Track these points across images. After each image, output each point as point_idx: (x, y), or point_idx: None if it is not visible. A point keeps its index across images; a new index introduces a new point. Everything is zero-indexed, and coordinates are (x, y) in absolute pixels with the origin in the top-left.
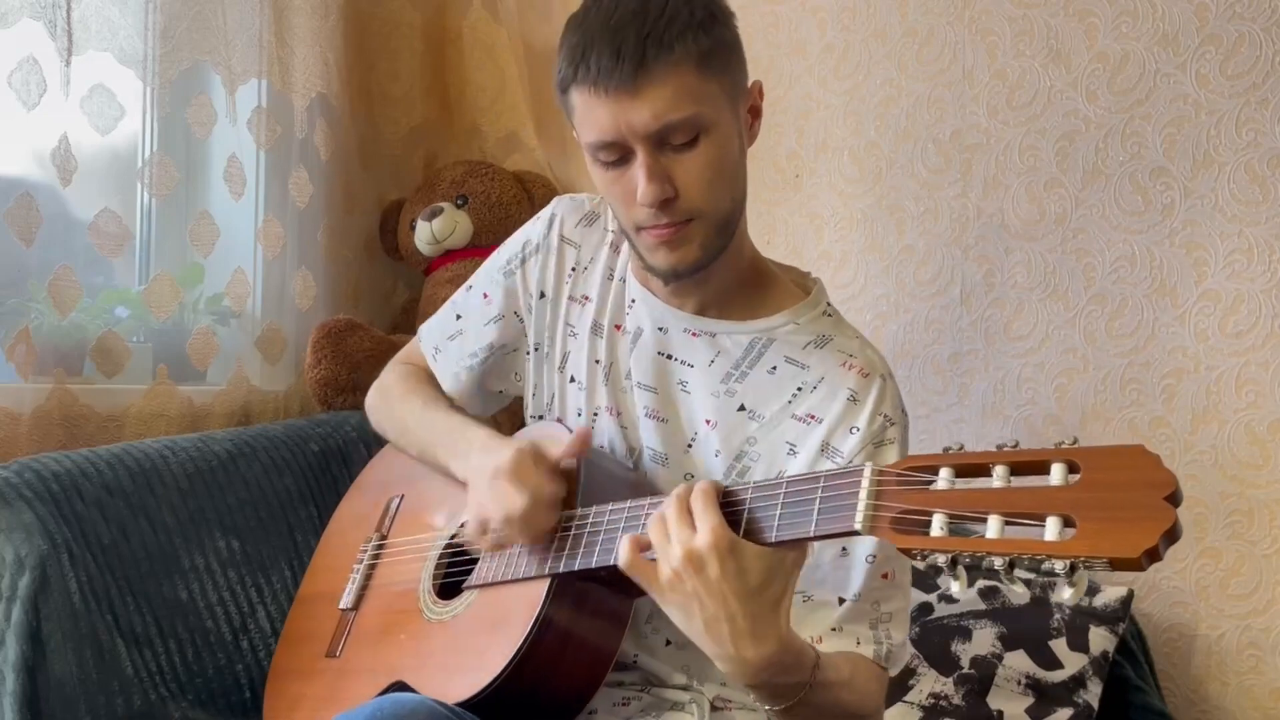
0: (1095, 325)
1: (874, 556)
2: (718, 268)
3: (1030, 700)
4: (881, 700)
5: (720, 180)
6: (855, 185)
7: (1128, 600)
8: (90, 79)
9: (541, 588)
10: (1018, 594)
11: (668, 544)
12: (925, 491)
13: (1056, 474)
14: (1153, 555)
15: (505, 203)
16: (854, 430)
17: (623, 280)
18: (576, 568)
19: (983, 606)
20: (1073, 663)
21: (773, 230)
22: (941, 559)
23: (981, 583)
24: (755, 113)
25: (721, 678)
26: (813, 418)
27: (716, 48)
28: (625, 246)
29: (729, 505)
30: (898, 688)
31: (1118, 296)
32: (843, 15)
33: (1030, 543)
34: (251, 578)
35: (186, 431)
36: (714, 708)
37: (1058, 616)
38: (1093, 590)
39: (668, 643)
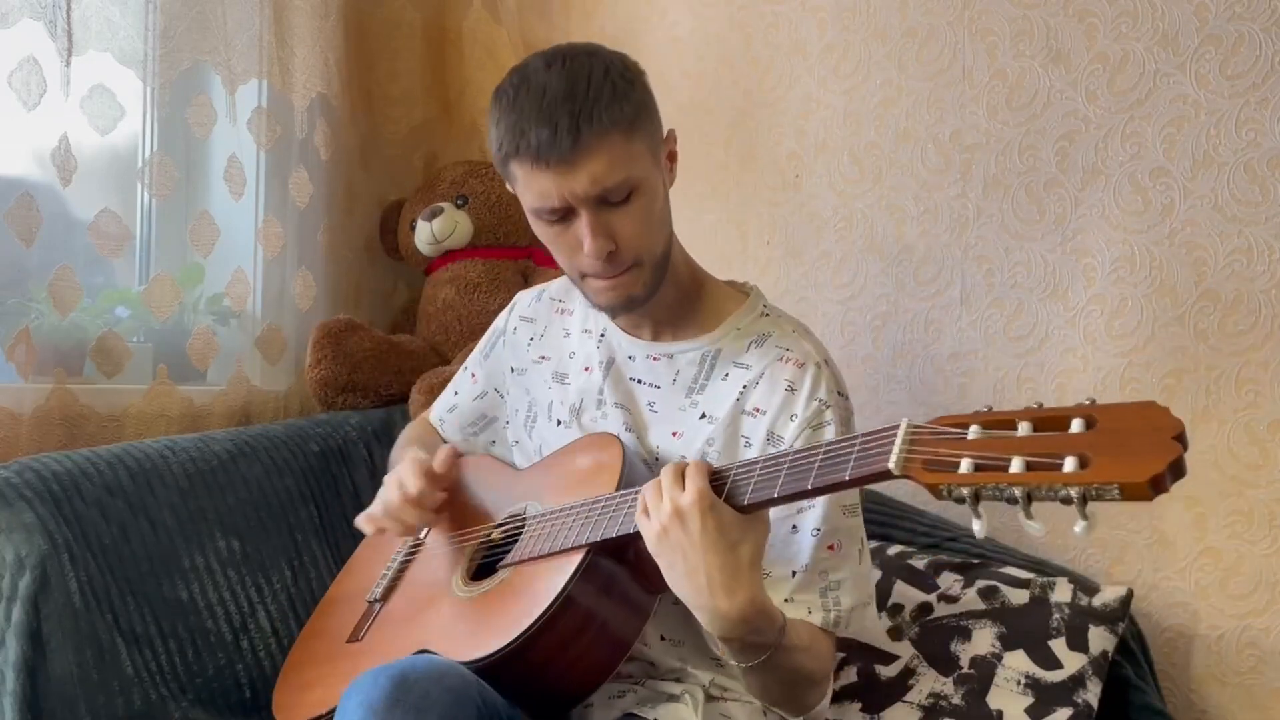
0: (1095, 325)
1: (818, 530)
2: (660, 295)
3: (1030, 700)
4: (832, 664)
5: (653, 228)
6: (855, 185)
7: (1127, 600)
8: (90, 79)
9: (571, 563)
10: (1034, 530)
11: (660, 501)
12: (955, 440)
13: (1076, 426)
14: (1158, 484)
15: (505, 202)
16: (793, 417)
17: (586, 331)
18: (600, 536)
19: (982, 606)
20: (1072, 662)
21: (773, 230)
22: (965, 491)
23: (981, 583)
24: (672, 158)
25: (714, 668)
26: (758, 410)
27: (638, 112)
28: (576, 306)
29: (720, 475)
30: (898, 688)
31: (1117, 296)
32: (843, 15)
33: (1045, 474)
34: (251, 578)
35: (186, 431)
36: (709, 697)
37: (1057, 616)
38: (1092, 590)
39: (662, 638)
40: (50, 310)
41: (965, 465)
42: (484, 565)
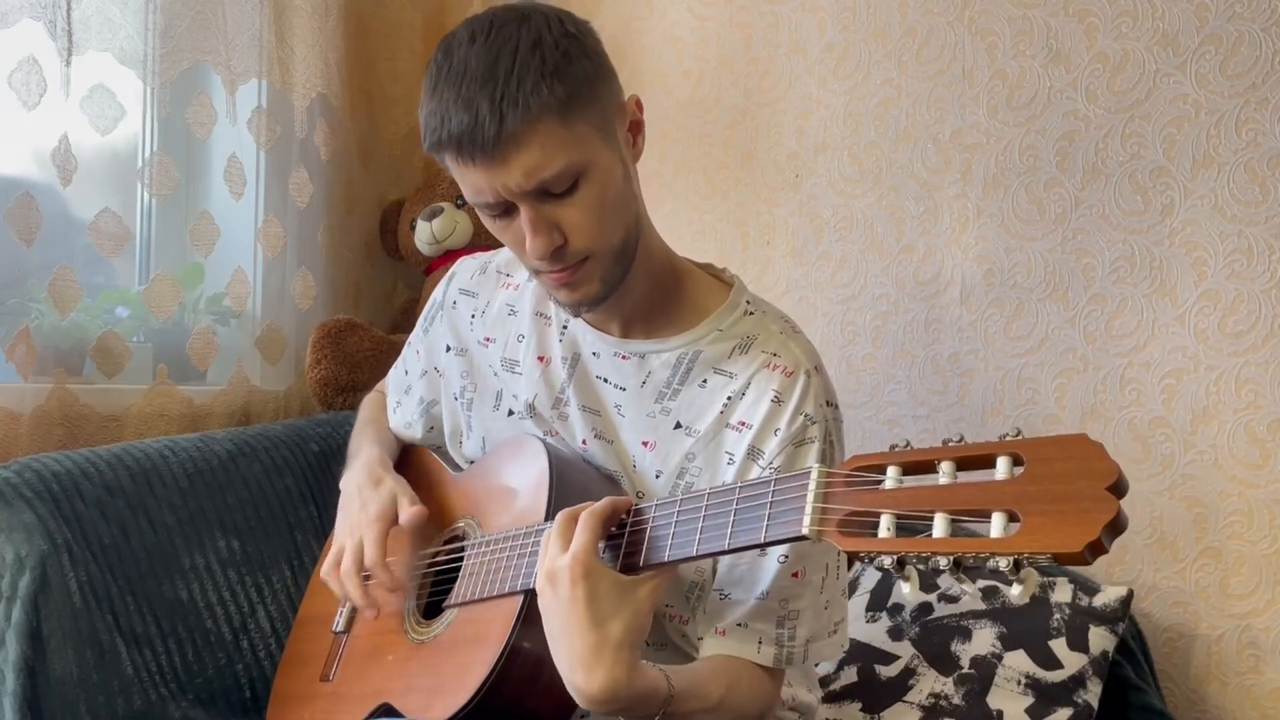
0: (1095, 325)
1: (785, 556)
2: (629, 287)
3: (1030, 700)
4: (771, 701)
5: (607, 216)
6: (855, 185)
7: (1127, 600)
8: (90, 79)
9: (515, 604)
10: (970, 594)
11: (543, 557)
12: (873, 492)
13: (1002, 467)
14: (1096, 548)
15: None
16: (776, 432)
17: (541, 316)
18: (533, 584)
19: (982, 606)
20: (1072, 663)
21: (773, 230)
22: (888, 561)
23: (982, 582)
24: (636, 128)
25: None
26: (744, 424)
27: (576, 89)
28: (528, 282)
29: (636, 525)
30: (898, 688)
31: (1118, 296)
32: (843, 15)
33: (974, 541)
34: (251, 578)
35: (186, 431)
36: None
37: (1057, 616)
38: (1092, 590)
39: (648, 644)
40: (50, 310)
41: (885, 525)
42: (435, 593)
